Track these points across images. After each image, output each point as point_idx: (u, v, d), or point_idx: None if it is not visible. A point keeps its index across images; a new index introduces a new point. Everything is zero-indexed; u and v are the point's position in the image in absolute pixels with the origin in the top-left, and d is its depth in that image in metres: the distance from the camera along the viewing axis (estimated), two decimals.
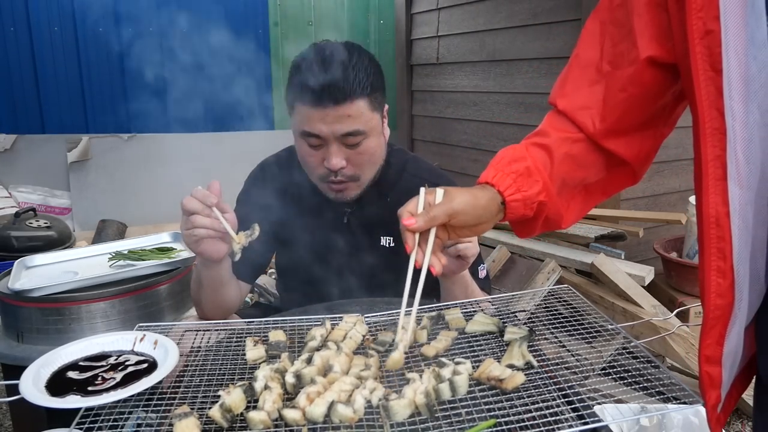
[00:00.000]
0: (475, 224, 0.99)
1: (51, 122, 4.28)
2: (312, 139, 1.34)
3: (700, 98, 0.77)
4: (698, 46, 0.76)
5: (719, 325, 0.82)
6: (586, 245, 2.89)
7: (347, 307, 1.29)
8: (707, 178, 0.78)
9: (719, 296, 0.80)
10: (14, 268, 1.79)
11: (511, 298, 1.27)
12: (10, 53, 4.10)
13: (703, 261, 0.81)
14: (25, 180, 4.17)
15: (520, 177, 0.97)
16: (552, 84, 1.07)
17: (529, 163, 0.98)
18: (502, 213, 0.99)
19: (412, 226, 0.96)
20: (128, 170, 4.32)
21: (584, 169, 1.01)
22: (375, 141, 1.38)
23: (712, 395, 0.86)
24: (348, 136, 1.32)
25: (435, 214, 0.96)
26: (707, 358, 0.85)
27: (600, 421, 0.84)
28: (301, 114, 1.33)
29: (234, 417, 0.89)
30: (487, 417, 0.85)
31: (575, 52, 1.01)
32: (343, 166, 1.35)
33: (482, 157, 3.99)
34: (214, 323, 1.27)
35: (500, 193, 0.97)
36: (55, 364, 1.04)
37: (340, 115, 1.29)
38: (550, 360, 1.02)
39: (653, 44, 0.89)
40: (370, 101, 1.34)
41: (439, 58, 4.41)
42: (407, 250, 0.98)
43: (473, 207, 0.97)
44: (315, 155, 1.37)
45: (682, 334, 2.29)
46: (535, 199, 0.97)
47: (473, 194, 0.98)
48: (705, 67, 0.76)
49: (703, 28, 0.75)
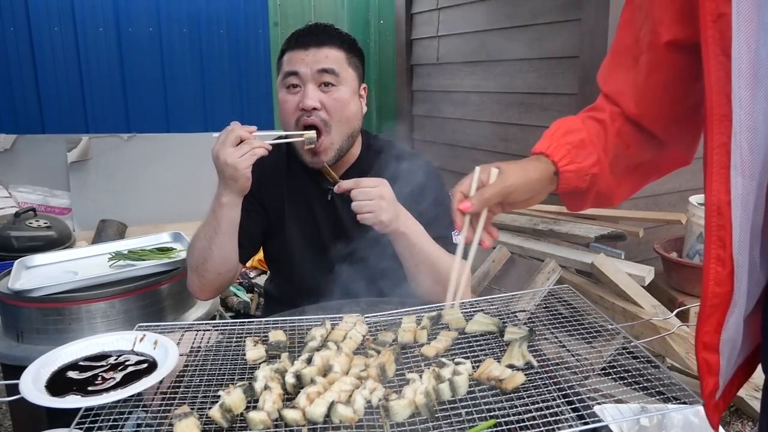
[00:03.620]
0: (528, 198, 1.00)
1: (51, 122, 4.27)
2: (291, 78, 1.48)
3: (710, 83, 0.76)
4: (710, 29, 0.74)
5: (717, 313, 0.82)
6: (586, 245, 2.89)
7: (347, 307, 1.29)
8: (712, 165, 0.77)
9: (718, 284, 0.80)
10: (14, 268, 1.79)
11: (511, 298, 1.27)
12: (10, 53, 4.09)
13: (705, 249, 0.81)
14: (25, 180, 4.17)
15: (575, 148, 0.97)
16: (552, 84, 1.08)
17: (584, 135, 0.98)
18: (555, 184, 0.99)
19: (468, 209, 0.97)
20: (128, 170, 4.31)
21: (635, 146, 1.00)
22: (348, 93, 1.50)
23: (710, 382, 0.87)
24: (323, 72, 1.46)
25: (489, 195, 0.97)
26: (705, 345, 0.85)
27: (600, 421, 0.84)
28: (287, 60, 1.50)
29: (234, 417, 0.89)
30: (487, 417, 0.85)
31: (614, 37, 1.02)
32: (317, 107, 1.46)
33: (482, 157, 3.99)
34: (213, 323, 1.27)
35: (554, 164, 0.97)
36: (55, 364, 1.04)
37: (319, 56, 1.47)
38: (550, 360, 1.02)
39: (674, 28, 0.88)
40: (347, 56, 1.52)
41: (439, 58, 4.41)
42: (457, 228, 1.00)
43: (526, 182, 0.97)
44: (291, 100, 1.49)
45: (682, 334, 2.29)
46: (588, 171, 0.97)
47: (526, 169, 0.98)
48: (716, 51, 0.74)
49: (716, 10, 0.73)
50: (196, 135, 4.51)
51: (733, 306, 0.81)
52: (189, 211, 3.88)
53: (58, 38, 4.19)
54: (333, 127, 1.48)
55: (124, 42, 4.36)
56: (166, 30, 4.45)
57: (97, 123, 4.37)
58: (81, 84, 4.30)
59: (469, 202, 0.97)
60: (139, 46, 4.39)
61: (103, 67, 4.33)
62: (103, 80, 4.35)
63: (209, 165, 1.36)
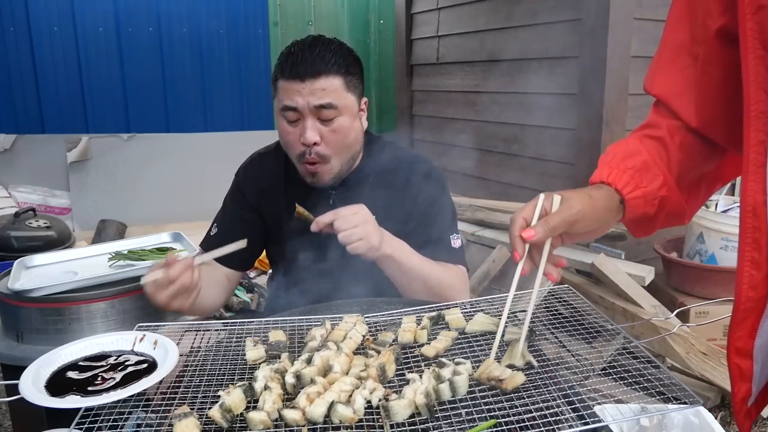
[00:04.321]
0: (595, 229, 0.93)
1: (51, 122, 4.27)
2: (290, 113, 1.43)
3: (747, 78, 0.73)
4: (749, 21, 0.71)
5: (752, 317, 0.79)
6: (586, 245, 2.89)
7: (347, 307, 1.29)
8: (748, 164, 0.74)
9: (752, 288, 0.77)
10: (14, 268, 1.78)
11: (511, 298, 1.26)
12: (10, 53, 4.10)
13: (738, 251, 0.79)
14: (24, 180, 4.17)
15: (638, 172, 0.91)
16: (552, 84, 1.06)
17: (645, 157, 0.92)
18: (621, 213, 0.93)
19: (532, 238, 0.89)
20: (128, 170, 4.31)
21: (698, 157, 0.95)
22: (348, 121, 1.46)
23: (742, 388, 0.84)
24: (322, 108, 1.41)
25: (555, 224, 0.89)
26: (738, 350, 0.82)
27: (600, 422, 0.84)
28: (282, 90, 1.43)
29: (234, 417, 0.89)
30: (487, 417, 0.85)
31: (663, 36, 0.95)
32: (317, 142, 1.42)
33: (482, 157, 3.99)
34: (213, 323, 1.27)
35: (618, 192, 0.91)
36: (54, 364, 1.04)
37: (315, 89, 1.40)
38: (550, 360, 1.02)
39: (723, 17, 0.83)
40: (345, 81, 1.44)
41: (439, 58, 4.41)
42: (515, 259, 0.93)
43: (593, 211, 0.91)
44: (293, 132, 1.45)
45: (682, 334, 2.29)
46: (656, 194, 0.91)
47: (591, 198, 0.91)
48: (755, 45, 0.71)
49: (756, 2, 0.70)
50: (196, 135, 4.52)
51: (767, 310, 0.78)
52: (189, 211, 3.88)
53: (58, 38, 4.19)
54: (333, 157, 1.46)
55: (124, 42, 4.36)
56: (166, 30, 4.45)
57: (97, 123, 4.37)
58: (81, 84, 4.30)
59: (533, 230, 0.89)
60: (139, 46, 4.39)
61: (103, 67, 4.33)
62: (103, 80, 4.35)
63: (209, 165, 1.38)
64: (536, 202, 0.93)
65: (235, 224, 1.63)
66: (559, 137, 3.35)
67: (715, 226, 2.82)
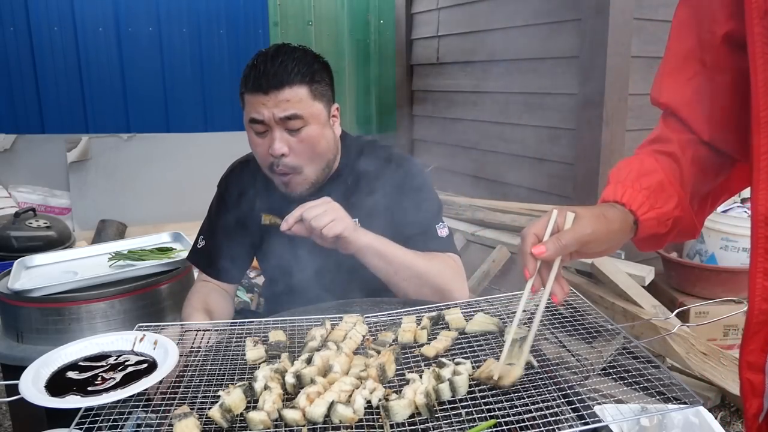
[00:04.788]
0: (606, 249, 0.90)
1: (51, 122, 4.27)
2: (257, 126, 1.41)
3: (756, 84, 0.71)
4: (757, 26, 0.70)
5: (765, 330, 0.77)
6: None
7: (347, 307, 1.29)
8: (759, 172, 0.72)
9: (765, 300, 0.75)
10: (14, 268, 1.79)
11: (511, 298, 1.27)
12: (10, 53, 4.09)
13: (750, 262, 0.76)
14: (24, 180, 4.17)
15: (654, 193, 0.88)
16: (551, 84, 1.05)
17: (661, 176, 0.89)
18: (633, 232, 0.90)
19: (543, 255, 0.86)
20: (128, 170, 4.31)
21: (712, 171, 0.92)
22: (317, 130, 1.43)
23: (754, 404, 0.82)
24: (287, 119, 1.38)
25: (566, 242, 0.86)
26: (749, 365, 0.80)
27: (600, 422, 0.84)
28: (249, 102, 1.42)
29: (234, 417, 0.89)
30: (487, 417, 0.85)
31: (668, 44, 0.92)
32: (285, 153, 1.40)
33: (482, 158, 3.99)
34: (213, 323, 1.27)
35: (632, 212, 0.88)
36: (54, 364, 1.04)
37: (279, 100, 1.38)
38: (550, 360, 1.02)
39: (730, 22, 0.80)
40: (310, 90, 1.41)
41: (439, 58, 4.41)
42: (526, 276, 0.89)
43: (606, 232, 0.87)
44: (261, 144, 1.43)
45: (682, 334, 2.29)
46: (670, 215, 0.89)
47: (605, 218, 0.88)
48: (764, 49, 0.69)
49: (764, 6, 0.68)
50: (196, 135, 4.51)
51: None
52: (189, 211, 3.88)
53: (58, 38, 4.18)
54: (305, 167, 1.44)
55: (124, 42, 4.35)
56: (166, 30, 4.44)
57: (96, 123, 4.37)
58: (81, 84, 4.30)
59: (545, 247, 0.86)
60: (139, 46, 4.39)
61: (103, 66, 4.33)
62: (103, 80, 4.35)
63: (209, 165, 1.37)
64: (549, 218, 0.89)
65: (221, 236, 1.61)
66: (559, 137, 3.35)
67: (715, 226, 2.82)
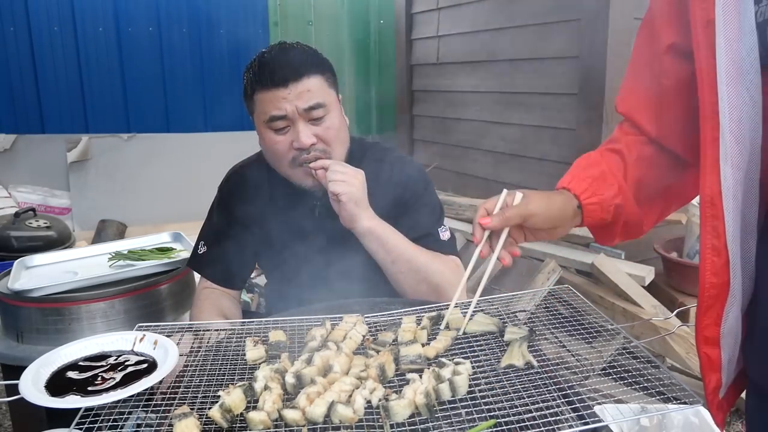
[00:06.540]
0: (551, 227, 1.03)
1: (51, 122, 4.27)
2: (278, 123, 1.39)
3: (702, 82, 0.80)
4: (701, 34, 0.79)
5: (717, 304, 0.83)
6: (586, 245, 2.89)
7: (347, 307, 1.29)
8: (705, 159, 0.81)
9: (714, 275, 0.82)
10: (14, 268, 1.79)
11: (511, 298, 1.27)
12: (10, 53, 4.09)
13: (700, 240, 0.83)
14: (24, 180, 4.17)
15: (596, 181, 1.00)
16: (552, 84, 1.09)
17: (604, 167, 1.01)
18: (579, 217, 1.02)
19: (487, 225, 1.02)
20: (128, 170, 4.31)
21: (658, 170, 1.02)
22: (338, 117, 1.45)
23: (712, 378, 0.87)
24: (311, 110, 1.37)
25: (509, 215, 1.01)
26: (705, 339, 0.86)
27: (600, 422, 0.84)
28: (264, 101, 1.39)
29: (234, 417, 0.89)
30: (487, 417, 0.85)
31: (630, 60, 1.04)
32: (314, 143, 1.40)
33: (482, 157, 3.99)
34: (213, 323, 1.27)
35: (576, 197, 1.00)
36: (54, 364, 1.04)
37: (301, 91, 1.36)
38: (550, 360, 1.02)
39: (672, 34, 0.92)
40: (325, 79, 1.42)
41: (439, 58, 4.41)
42: (475, 242, 1.04)
43: (547, 209, 1.00)
44: (282, 141, 1.41)
45: (682, 334, 2.29)
46: (611, 201, 1.00)
47: (549, 198, 1.01)
48: (707, 53, 0.78)
49: (706, 17, 0.77)
50: (196, 135, 4.51)
51: (731, 297, 0.82)
52: (189, 211, 3.88)
53: (58, 38, 4.18)
54: (333, 153, 1.44)
55: (124, 42, 4.35)
56: (166, 30, 4.44)
57: (97, 123, 4.37)
58: (81, 84, 4.30)
59: (489, 219, 1.02)
60: (139, 46, 4.39)
61: (103, 67, 4.33)
62: (103, 80, 4.35)
63: (209, 165, 1.37)
64: (501, 196, 1.05)
65: (222, 240, 1.59)
66: (559, 137, 3.35)
67: None
